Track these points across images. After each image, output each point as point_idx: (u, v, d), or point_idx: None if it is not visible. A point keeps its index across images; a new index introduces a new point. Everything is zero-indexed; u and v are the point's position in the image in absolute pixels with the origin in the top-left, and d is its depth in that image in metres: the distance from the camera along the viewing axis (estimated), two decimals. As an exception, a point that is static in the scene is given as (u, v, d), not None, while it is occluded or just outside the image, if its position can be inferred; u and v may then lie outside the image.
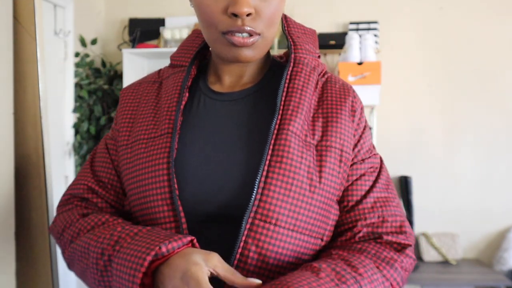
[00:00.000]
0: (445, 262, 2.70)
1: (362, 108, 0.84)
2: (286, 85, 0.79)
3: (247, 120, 0.79)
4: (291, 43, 0.84)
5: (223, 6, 0.72)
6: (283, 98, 0.77)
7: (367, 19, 2.87)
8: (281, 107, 0.76)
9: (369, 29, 2.78)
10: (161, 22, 2.91)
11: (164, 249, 0.66)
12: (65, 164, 2.69)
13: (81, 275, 0.79)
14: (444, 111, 2.86)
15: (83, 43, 2.77)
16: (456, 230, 2.83)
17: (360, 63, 2.53)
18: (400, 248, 0.77)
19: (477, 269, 2.60)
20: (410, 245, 0.79)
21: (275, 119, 0.75)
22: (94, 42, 2.86)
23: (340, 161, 0.77)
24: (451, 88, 2.85)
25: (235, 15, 0.71)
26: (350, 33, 2.66)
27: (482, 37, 2.83)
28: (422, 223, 2.83)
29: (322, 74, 0.85)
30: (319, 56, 0.87)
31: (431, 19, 2.86)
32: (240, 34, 0.73)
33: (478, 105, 2.83)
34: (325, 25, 2.93)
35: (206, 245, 0.71)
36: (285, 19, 0.87)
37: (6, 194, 1.40)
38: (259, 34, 0.74)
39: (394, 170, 2.85)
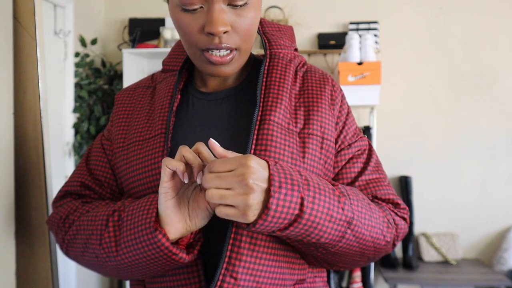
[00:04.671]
0: (445, 262, 2.70)
1: (342, 96, 0.88)
2: (265, 79, 0.83)
3: (232, 116, 0.82)
4: (266, 41, 0.89)
5: (200, 25, 0.74)
6: (263, 92, 0.81)
7: (367, 19, 2.87)
8: (261, 100, 0.80)
9: (369, 29, 2.78)
10: (161, 22, 2.91)
11: None
12: (65, 164, 2.69)
13: (83, 247, 0.79)
14: (444, 111, 2.86)
15: (83, 43, 2.77)
16: (456, 230, 2.83)
17: (360, 63, 2.53)
18: (395, 212, 0.84)
19: (477, 269, 2.60)
20: (403, 217, 0.84)
21: (257, 111, 0.79)
22: (94, 42, 2.86)
23: (321, 147, 0.80)
24: (451, 88, 2.85)
25: (211, 34, 0.73)
26: (350, 33, 2.66)
27: (482, 37, 2.83)
28: (422, 223, 2.83)
29: (301, 65, 0.89)
30: (296, 49, 0.91)
31: (431, 19, 2.86)
32: (218, 52, 0.75)
33: (478, 105, 2.83)
34: (325, 25, 2.93)
35: (203, 232, 0.76)
36: (259, 22, 0.90)
37: (6, 194, 1.40)
38: (236, 49, 0.76)
39: (394, 170, 2.85)
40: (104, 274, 0.82)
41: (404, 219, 0.84)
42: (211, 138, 0.67)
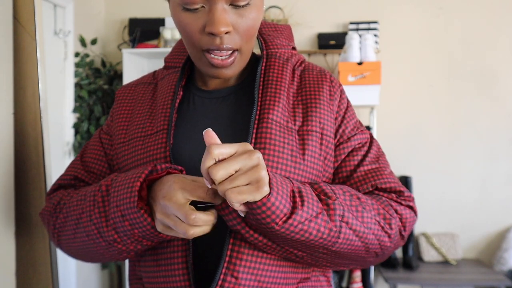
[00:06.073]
0: (445, 262, 2.70)
1: (342, 91, 0.88)
2: (262, 79, 0.83)
3: (232, 115, 0.82)
4: (262, 41, 0.89)
5: (201, 24, 0.73)
6: (260, 91, 0.82)
7: (367, 19, 2.87)
8: (259, 99, 0.81)
9: (369, 29, 2.78)
10: (161, 22, 2.91)
11: (158, 167, 0.71)
12: (65, 164, 2.69)
13: (74, 228, 0.79)
14: (444, 111, 2.86)
15: (83, 43, 2.77)
16: (456, 230, 2.83)
17: (360, 63, 2.53)
18: (398, 202, 0.81)
19: (477, 269, 2.60)
20: (408, 205, 0.82)
21: (254, 110, 0.79)
22: (94, 42, 2.86)
23: (321, 144, 0.80)
24: (451, 88, 2.85)
25: (213, 34, 0.72)
26: (350, 33, 2.66)
27: (482, 37, 2.83)
28: (422, 223, 2.83)
29: (298, 63, 0.89)
30: (293, 48, 0.91)
31: (431, 19, 2.87)
32: (219, 55, 0.75)
33: (478, 105, 2.83)
34: (325, 25, 2.93)
35: (202, 237, 0.74)
36: None
37: (6, 194, 1.40)
38: (237, 50, 0.76)
39: (394, 170, 2.85)
40: (97, 259, 0.82)
41: (410, 207, 0.81)
42: (208, 129, 0.63)
